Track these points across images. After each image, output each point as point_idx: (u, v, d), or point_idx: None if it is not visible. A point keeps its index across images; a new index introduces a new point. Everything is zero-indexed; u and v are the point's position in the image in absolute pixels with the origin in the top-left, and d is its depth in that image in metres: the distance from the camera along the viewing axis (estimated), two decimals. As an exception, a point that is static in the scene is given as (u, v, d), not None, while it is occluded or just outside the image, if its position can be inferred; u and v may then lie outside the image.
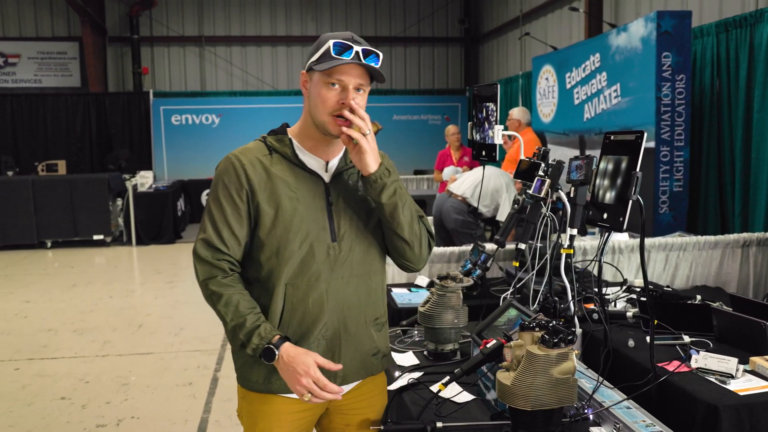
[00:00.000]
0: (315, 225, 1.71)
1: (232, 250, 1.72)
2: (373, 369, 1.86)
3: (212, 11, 14.27)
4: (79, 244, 9.92)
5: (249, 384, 1.78)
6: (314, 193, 1.73)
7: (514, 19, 12.15)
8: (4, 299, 6.77)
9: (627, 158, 1.66)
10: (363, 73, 1.68)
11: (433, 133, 13.25)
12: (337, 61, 1.63)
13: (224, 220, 1.70)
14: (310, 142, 1.75)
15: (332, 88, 1.66)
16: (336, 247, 1.73)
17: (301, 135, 1.76)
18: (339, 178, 1.77)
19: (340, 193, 1.76)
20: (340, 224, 1.74)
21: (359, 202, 1.78)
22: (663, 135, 5.44)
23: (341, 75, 1.65)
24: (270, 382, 1.74)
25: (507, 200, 5.31)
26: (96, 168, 12.89)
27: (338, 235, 1.73)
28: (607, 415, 1.75)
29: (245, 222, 1.72)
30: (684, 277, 3.98)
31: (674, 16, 5.43)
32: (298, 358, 1.64)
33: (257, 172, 1.70)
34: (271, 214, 1.69)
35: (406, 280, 3.87)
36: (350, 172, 1.79)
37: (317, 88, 1.68)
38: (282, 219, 1.69)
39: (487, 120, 2.54)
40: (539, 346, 1.61)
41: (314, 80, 1.69)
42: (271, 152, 1.74)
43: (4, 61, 13.57)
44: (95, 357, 4.95)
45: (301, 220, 1.69)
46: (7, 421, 3.81)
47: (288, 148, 1.74)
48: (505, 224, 2.37)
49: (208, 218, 1.73)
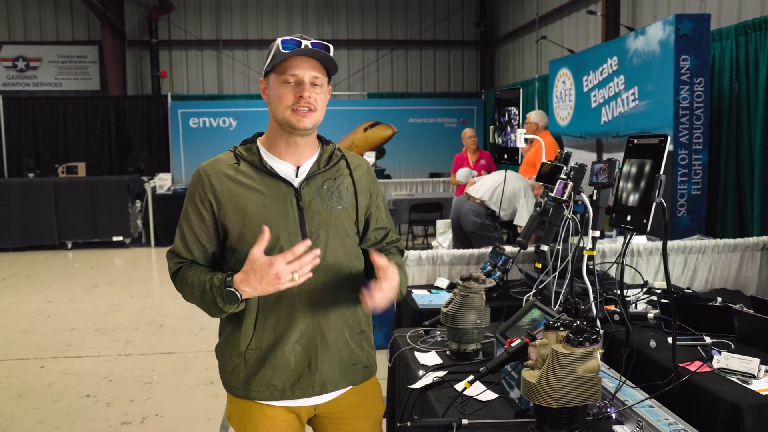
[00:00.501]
0: (284, 230, 1.71)
1: (199, 258, 1.78)
2: (356, 378, 1.85)
3: (230, 15, 14.41)
4: (99, 246, 10.06)
5: (231, 389, 1.82)
6: (284, 198, 1.73)
7: (530, 22, 12.16)
8: (28, 299, 6.89)
9: (650, 161, 1.69)
10: (316, 66, 1.70)
11: (448, 136, 13.27)
12: (285, 54, 1.66)
13: (191, 230, 1.77)
14: (278, 148, 1.76)
15: (287, 84, 1.69)
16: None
17: (269, 142, 1.78)
18: (311, 183, 1.76)
19: (313, 198, 1.75)
20: (311, 229, 1.73)
21: (332, 206, 1.77)
22: (681, 138, 5.45)
23: (294, 70, 1.68)
24: (249, 389, 1.77)
25: (524, 205, 5.33)
26: (115, 170, 13.06)
27: (311, 240, 1.69)
28: (630, 414, 1.78)
29: (212, 231, 1.76)
30: (703, 280, 3.99)
31: (693, 20, 5.44)
32: (249, 269, 1.61)
33: (222, 182, 1.73)
34: (239, 222, 1.71)
35: (426, 281, 3.92)
36: (324, 176, 1.79)
37: (274, 89, 1.71)
38: (250, 226, 1.70)
39: (509, 124, 2.58)
40: (564, 345, 1.64)
41: (271, 83, 1.72)
42: (239, 161, 1.76)
43: (25, 65, 13.80)
44: (118, 356, 5.04)
45: (269, 225, 1.67)
46: (35, 417, 3.90)
47: (255, 156, 1.76)
48: (527, 226, 2.41)
49: (178, 229, 1.80)
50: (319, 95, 1.71)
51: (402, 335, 2.61)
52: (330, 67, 1.73)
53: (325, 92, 1.74)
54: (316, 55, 1.68)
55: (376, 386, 1.96)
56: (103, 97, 13.47)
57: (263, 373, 1.76)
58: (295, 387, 1.78)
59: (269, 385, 1.77)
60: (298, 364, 1.77)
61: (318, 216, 1.75)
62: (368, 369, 1.90)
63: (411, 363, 2.35)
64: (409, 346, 2.49)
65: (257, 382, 1.77)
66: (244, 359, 1.78)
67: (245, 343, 1.77)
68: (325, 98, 1.75)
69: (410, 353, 2.44)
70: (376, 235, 1.92)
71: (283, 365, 1.76)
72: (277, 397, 1.78)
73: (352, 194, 1.82)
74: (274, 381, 1.77)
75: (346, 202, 1.80)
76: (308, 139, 1.77)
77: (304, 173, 1.76)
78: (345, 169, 1.84)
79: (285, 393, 1.78)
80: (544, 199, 2.35)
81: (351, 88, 14.77)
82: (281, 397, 1.78)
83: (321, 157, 1.81)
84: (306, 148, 1.78)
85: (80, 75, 14.04)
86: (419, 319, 3.21)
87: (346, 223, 1.79)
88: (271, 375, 1.76)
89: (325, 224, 1.75)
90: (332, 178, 1.80)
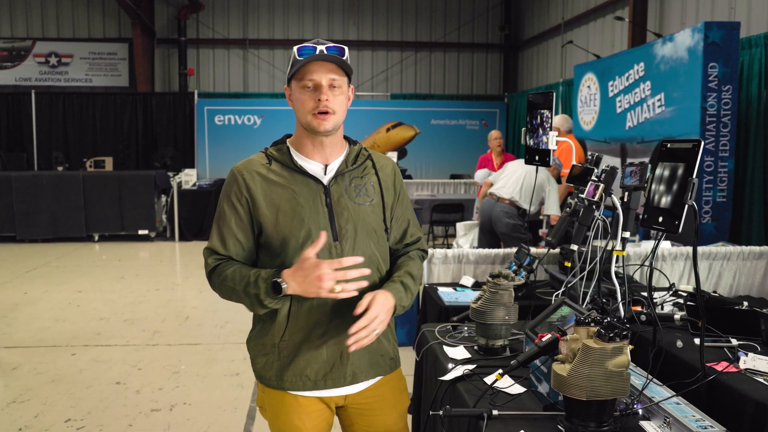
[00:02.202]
0: (315, 225, 1.78)
1: (236, 254, 1.84)
2: (383, 369, 1.93)
3: (257, 15, 14.58)
4: (125, 239, 10.26)
5: (264, 381, 1.89)
6: (314, 195, 1.81)
7: (555, 26, 12.16)
8: (59, 288, 7.07)
9: (683, 165, 1.75)
10: (333, 68, 1.76)
11: (470, 138, 13.31)
12: (302, 61, 1.75)
13: (227, 227, 1.83)
14: (306, 148, 1.85)
15: (307, 90, 1.77)
16: (338, 246, 1.80)
17: (297, 143, 1.87)
18: (339, 180, 1.84)
19: (341, 195, 1.83)
20: (340, 224, 1.81)
21: (360, 203, 1.85)
22: (707, 145, 5.45)
23: (312, 75, 1.75)
24: (282, 380, 1.84)
25: (551, 192, 5.35)
26: (141, 165, 13.28)
27: (339, 235, 1.80)
28: (657, 410, 1.82)
29: (248, 228, 1.82)
30: (727, 287, 4.01)
31: (722, 27, 5.44)
32: (298, 266, 1.69)
33: (256, 181, 1.81)
34: (273, 218, 1.79)
35: (452, 279, 3.98)
36: (352, 175, 1.87)
37: (296, 94, 1.79)
38: (283, 221, 1.78)
39: (541, 126, 2.64)
40: (595, 340, 1.70)
41: (293, 89, 1.80)
42: (270, 161, 1.85)
43: (57, 61, 14.08)
44: (146, 346, 5.16)
45: (302, 221, 1.77)
46: (68, 402, 4.02)
47: (286, 156, 1.85)
48: (557, 226, 2.46)
49: (215, 228, 1.86)
50: (338, 97, 1.78)
51: (431, 330, 2.67)
52: (346, 68, 1.80)
53: (344, 93, 1.81)
54: (331, 59, 1.76)
55: (402, 379, 2.03)
56: (131, 94, 13.71)
57: (296, 364, 1.83)
58: (327, 377, 1.84)
59: (302, 376, 1.84)
60: (330, 355, 1.84)
61: (346, 212, 1.82)
62: (394, 360, 1.98)
63: (440, 356, 2.41)
64: (437, 340, 2.56)
65: (290, 373, 1.83)
66: (278, 351, 1.84)
67: (279, 335, 1.83)
68: (344, 99, 1.82)
69: (439, 347, 2.50)
70: (398, 229, 1.97)
71: (316, 356, 1.83)
72: (309, 387, 1.85)
73: (378, 192, 1.89)
74: (306, 372, 1.83)
75: (373, 199, 1.88)
76: (333, 139, 1.85)
77: (332, 171, 1.85)
78: (371, 168, 1.92)
79: (317, 383, 1.84)
80: (574, 200, 2.40)
81: (374, 88, 14.86)
82: (314, 387, 1.85)
83: (348, 157, 1.89)
84: (333, 147, 1.86)
85: (110, 71, 14.30)
86: (445, 315, 3.27)
87: (374, 219, 1.87)
88: (304, 366, 1.83)
89: (353, 220, 1.83)
90: (359, 176, 1.88)
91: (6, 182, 9.82)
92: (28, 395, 4.13)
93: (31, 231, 9.87)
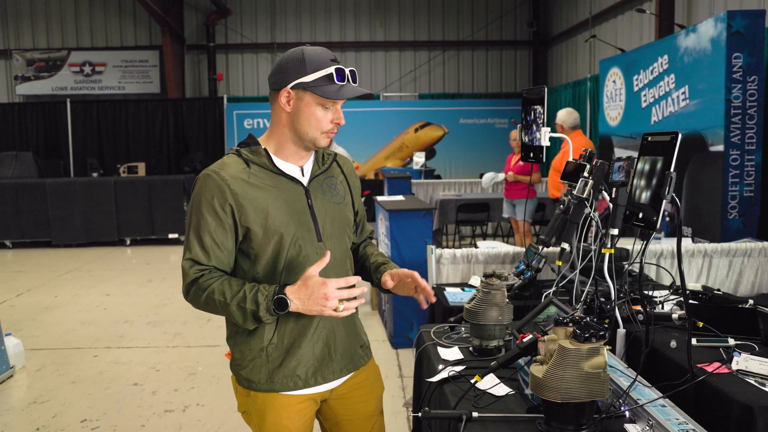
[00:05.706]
0: (302, 228, 1.79)
1: (219, 263, 1.78)
2: (360, 361, 1.98)
3: (284, 19, 14.72)
4: (156, 242, 10.45)
5: (252, 385, 1.85)
6: (296, 197, 1.81)
7: (583, 21, 11.96)
8: (87, 292, 7.24)
9: (662, 159, 1.68)
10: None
11: (499, 136, 13.19)
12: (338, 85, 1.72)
13: (209, 236, 1.74)
14: (286, 152, 1.82)
15: (326, 110, 1.76)
16: (322, 246, 1.82)
17: (277, 146, 1.83)
18: (315, 182, 1.87)
19: (318, 196, 1.85)
20: (322, 224, 1.84)
21: (336, 202, 1.90)
22: (733, 138, 5.28)
23: (339, 103, 1.78)
24: (272, 382, 1.83)
25: None
26: (173, 170, 13.53)
27: (323, 235, 1.83)
28: (642, 413, 1.76)
29: (230, 235, 1.76)
30: (749, 284, 3.87)
31: (746, 16, 5.26)
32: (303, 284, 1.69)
33: (240, 186, 1.75)
34: (262, 224, 1.75)
35: (461, 280, 3.94)
36: (324, 176, 1.90)
37: (310, 108, 1.75)
38: (273, 226, 1.76)
39: (534, 122, 2.59)
40: (571, 341, 1.65)
41: (305, 101, 1.75)
42: (249, 164, 1.79)
43: (91, 70, 14.46)
44: (166, 347, 5.24)
45: (289, 224, 1.77)
46: (86, 403, 4.11)
47: (264, 158, 1.81)
48: (550, 224, 2.41)
49: (194, 237, 1.76)
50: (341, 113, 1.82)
51: (427, 331, 2.65)
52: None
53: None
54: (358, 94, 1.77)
55: (376, 366, 2.10)
56: (162, 100, 13.99)
57: (287, 365, 1.83)
58: (317, 374, 1.86)
59: (293, 376, 1.84)
60: (320, 354, 1.86)
61: (325, 212, 1.86)
62: (368, 349, 2.04)
63: (433, 357, 2.38)
64: (432, 341, 2.53)
65: (281, 374, 1.83)
66: (266, 354, 1.83)
67: (267, 339, 1.82)
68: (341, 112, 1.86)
69: (433, 348, 2.47)
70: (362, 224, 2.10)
71: (306, 356, 1.84)
72: (300, 386, 1.85)
73: (348, 190, 1.96)
74: (297, 371, 1.84)
75: (345, 198, 1.94)
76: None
77: (308, 173, 1.87)
78: (337, 167, 1.97)
79: (308, 381, 1.85)
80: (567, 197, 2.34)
81: (402, 89, 14.84)
82: (305, 385, 1.85)
83: (317, 157, 1.92)
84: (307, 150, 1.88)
85: (142, 78, 14.61)
86: (450, 315, 3.23)
87: (347, 217, 1.93)
88: (295, 366, 1.83)
89: (331, 219, 1.87)
90: (330, 176, 1.92)
91: (41, 189, 10.11)
92: (48, 396, 4.24)
93: (65, 236, 10.14)
